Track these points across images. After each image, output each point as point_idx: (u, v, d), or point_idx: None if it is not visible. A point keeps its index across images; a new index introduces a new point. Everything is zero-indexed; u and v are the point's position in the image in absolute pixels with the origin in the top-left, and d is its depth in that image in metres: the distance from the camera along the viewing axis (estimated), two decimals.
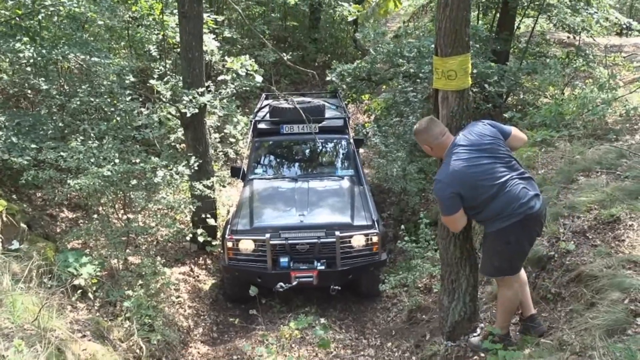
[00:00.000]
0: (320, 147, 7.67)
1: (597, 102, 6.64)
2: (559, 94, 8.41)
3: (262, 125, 7.78)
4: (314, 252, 5.81)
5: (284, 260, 5.74)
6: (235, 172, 7.36)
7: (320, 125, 7.40)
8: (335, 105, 8.68)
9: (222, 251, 6.24)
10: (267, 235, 5.71)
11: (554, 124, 6.59)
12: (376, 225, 5.93)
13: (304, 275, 5.67)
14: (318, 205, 6.27)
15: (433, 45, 3.92)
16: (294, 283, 5.57)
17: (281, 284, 5.41)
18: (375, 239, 5.87)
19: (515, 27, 10.21)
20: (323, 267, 5.73)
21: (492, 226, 3.49)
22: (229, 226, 6.09)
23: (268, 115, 7.85)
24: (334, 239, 5.71)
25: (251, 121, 7.94)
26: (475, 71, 7.96)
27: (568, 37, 10.93)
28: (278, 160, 7.70)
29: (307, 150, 7.69)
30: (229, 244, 5.86)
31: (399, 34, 11.47)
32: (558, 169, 5.44)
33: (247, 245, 5.84)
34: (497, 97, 8.56)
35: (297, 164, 7.57)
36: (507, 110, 8.15)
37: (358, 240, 5.85)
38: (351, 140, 7.53)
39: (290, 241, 5.77)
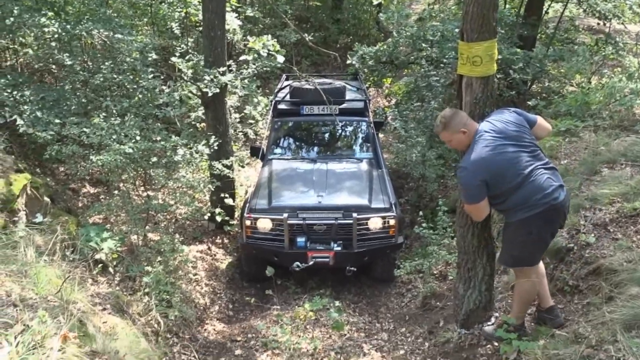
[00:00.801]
0: (340, 129, 7.70)
1: (625, 92, 6.47)
2: (585, 83, 8.22)
3: (282, 106, 7.80)
4: (331, 233, 5.86)
5: (301, 240, 5.80)
6: (255, 152, 7.41)
7: (340, 107, 7.37)
8: (356, 88, 8.65)
9: (240, 230, 6.32)
10: (285, 215, 5.77)
11: (579, 114, 6.46)
12: (393, 208, 5.95)
13: (321, 255, 5.74)
14: (336, 187, 6.29)
15: (457, 30, 3.86)
16: (311, 263, 5.67)
17: (297, 263, 5.56)
18: (392, 222, 5.88)
19: (544, 12, 9.96)
20: (339, 249, 5.78)
21: (514, 216, 3.46)
22: (247, 205, 6.14)
23: (288, 95, 7.85)
24: (351, 221, 5.75)
25: (271, 101, 7.99)
26: (500, 57, 7.80)
27: (598, 24, 10.63)
28: (297, 141, 7.70)
29: (327, 132, 7.69)
30: (247, 222, 5.93)
31: (423, 17, 11.29)
32: (581, 159, 5.34)
33: (265, 224, 5.90)
34: (521, 84, 8.41)
35: (316, 145, 7.58)
36: (531, 98, 8.00)
37: (375, 223, 5.87)
38: (371, 123, 7.52)
39: (307, 221, 5.84)
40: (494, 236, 4.41)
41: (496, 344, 3.83)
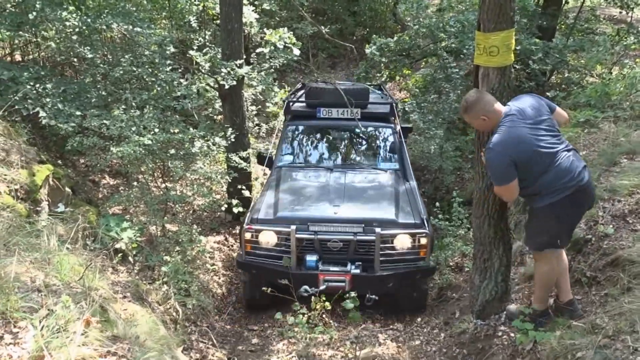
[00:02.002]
0: (362, 136, 6.79)
1: None
2: (606, 73, 8.10)
3: (296, 107, 7.02)
4: (349, 251, 5.00)
5: (311, 259, 4.95)
6: (261, 160, 6.56)
7: (363, 110, 6.56)
8: (381, 95, 7.76)
9: (239, 244, 5.66)
10: (293, 227, 4.90)
11: (599, 105, 6.37)
12: (425, 225, 5.05)
13: (335, 278, 4.86)
14: (356, 198, 5.42)
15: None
16: (322, 287, 4.77)
17: (306, 287, 4.65)
18: (423, 240, 4.97)
19: (564, 2, 9.81)
20: (358, 271, 4.90)
21: (541, 201, 3.46)
22: (248, 214, 5.37)
23: (304, 97, 7.09)
24: (373, 237, 4.88)
25: (284, 102, 7.26)
26: (519, 47, 7.74)
27: (620, 13, 10.45)
28: (312, 147, 6.74)
29: (346, 139, 6.81)
30: (247, 235, 5.06)
31: (441, 8, 11.20)
32: (600, 150, 5.27)
33: (268, 237, 5.03)
34: (540, 75, 8.32)
35: (333, 153, 6.65)
36: (551, 89, 7.91)
37: (402, 241, 4.98)
38: (397, 130, 6.66)
39: (320, 236, 4.96)
40: (510, 227, 4.40)
41: (512, 335, 3.83)
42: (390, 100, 7.16)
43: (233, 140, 6.60)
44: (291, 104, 6.92)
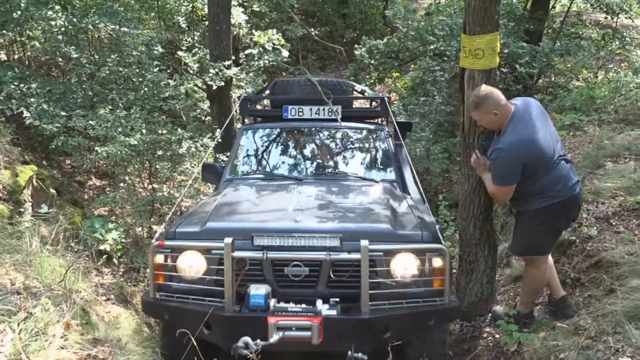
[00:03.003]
0: (344, 141, 5.02)
1: (630, 86, 6.44)
2: (591, 77, 8.18)
3: (256, 107, 5.67)
4: (319, 280, 3.15)
5: (257, 292, 3.02)
6: (208, 173, 4.80)
7: (346, 109, 4.98)
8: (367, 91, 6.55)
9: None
10: (228, 241, 3.02)
11: (584, 108, 6.44)
12: (440, 238, 3.30)
13: (296, 324, 2.94)
14: (329, 206, 3.73)
15: None
16: (274, 339, 2.89)
17: (247, 339, 2.84)
18: (438, 262, 3.17)
19: (550, 7, 9.90)
20: (334, 312, 3.01)
21: (530, 204, 3.48)
22: (161, 228, 3.92)
23: (267, 92, 5.71)
24: (357, 256, 3.02)
25: (239, 98, 5.67)
26: (506, 51, 7.79)
27: (605, 18, 10.56)
28: (275, 156, 4.93)
29: (323, 144, 5.01)
30: (158, 259, 3.22)
31: (430, 11, 11.25)
32: (585, 153, 5.33)
33: (192, 260, 3.19)
34: (527, 78, 8.37)
35: (304, 161, 4.85)
36: (538, 93, 7.97)
37: (404, 263, 3.16)
38: (390, 134, 4.99)
39: (272, 254, 3.08)
40: (496, 229, 4.42)
41: (497, 336, 3.85)
42: (381, 95, 6.00)
43: (221, 141, 6.57)
44: (249, 102, 5.37)
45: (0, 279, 2.99)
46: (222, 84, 6.69)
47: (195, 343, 2.83)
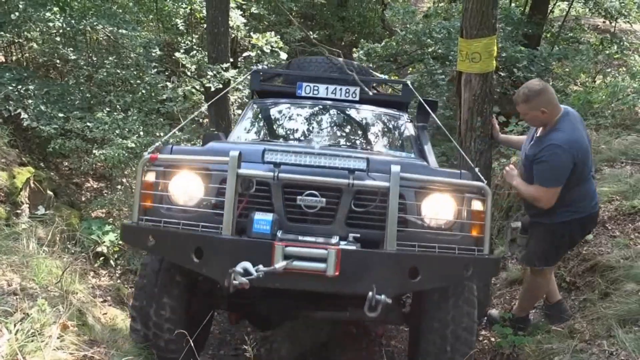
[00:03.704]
0: (361, 124, 4.51)
1: (628, 91, 6.46)
2: (589, 82, 8.21)
3: (268, 83, 5.05)
4: (337, 214, 2.71)
5: (262, 217, 2.58)
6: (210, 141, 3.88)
7: (363, 93, 4.52)
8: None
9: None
10: (235, 154, 2.58)
11: (582, 112, 6.44)
12: (481, 177, 2.85)
13: (308, 253, 2.49)
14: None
15: None
16: (278, 266, 2.44)
17: (246, 264, 2.41)
18: (478, 205, 2.74)
19: (549, 11, 9.95)
20: (353, 248, 2.61)
21: (553, 217, 3.32)
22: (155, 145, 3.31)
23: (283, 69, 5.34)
24: (386, 183, 2.60)
25: (250, 70, 5.19)
26: (504, 55, 7.82)
27: (604, 22, 10.61)
28: (283, 133, 4.41)
29: (337, 126, 4.52)
30: (148, 177, 2.78)
31: (428, 14, 11.30)
32: None
33: (188, 181, 2.76)
34: (525, 82, 8.40)
35: (317, 134, 4.28)
36: None
37: (439, 205, 2.74)
38: (412, 120, 4.71)
39: (284, 174, 2.63)
40: (493, 233, 4.43)
41: (493, 340, 3.86)
42: (404, 80, 5.49)
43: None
44: (261, 76, 4.85)
45: None
46: (220, 86, 6.70)
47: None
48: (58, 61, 6.89)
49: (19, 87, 5.56)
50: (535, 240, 3.53)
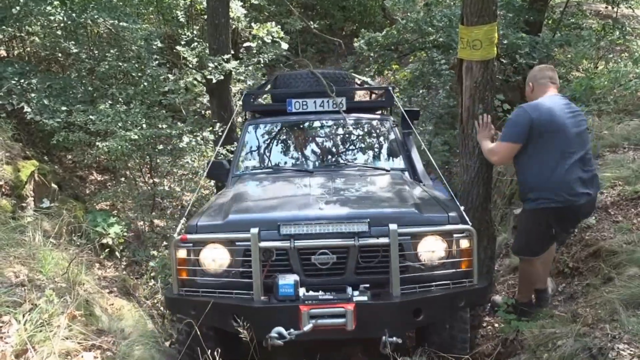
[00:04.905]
0: (350, 132, 4.94)
1: (630, 76, 6.44)
2: (591, 68, 8.18)
3: (259, 102, 5.60)
4: (347, 268, 3.13)
5: (286, 282, 3.00)
6: (216, 171, 4.55)
7: (350, 102, 4.98)
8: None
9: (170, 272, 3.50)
10: (255, 231, 3.01)
11: (584, 98, 6.43)
12: (466, 219, 3.25)
13: (328, 312, 2.93)
14: (350, 197, 3.73)
15: None
16: (306, 328, 2.87)
17: (280, 329, 2.85)
18: (465, 243, 3.17)
19: None
20: (365, 298, 2.99)
21: (527, 204, 3.50)
22: (181, 223, 3.72)
23: (269, 87, 5.70)
24: (387, 240, 3.02)
25: (241, 93, 5.57)
26: (505, 42, 7.78)
27: (606, 8, 10.54)
28: (282, 150, 4.94)
29: (329, 136, 4.96)
30: (181, 254, 3.16)
31: (429, 2, 11.23)
32: None
33: (216, 253, 3.15)
34: (527, 69, 8.35)
35: (312, 154, 4.79)
36: None
37: (431, 246, 3.15)
38: (396, 124, 5.04)
39: (299, 243, 3.07)
40: (496, 220, 4.45)
41: (497, 325, 3.89)
42: (385, 85, 5.98)
43: (221, 134, 6.59)
44: (252, 97, 5.24)
45: (4, 272, 3.03)
46: (222, 77, 6.70)
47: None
48: (60, 55, 6.89)
49: (22, 81, 5.58)
50: (518, 228, 3.69)
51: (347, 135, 4.93)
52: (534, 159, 3.40)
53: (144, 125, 5.69)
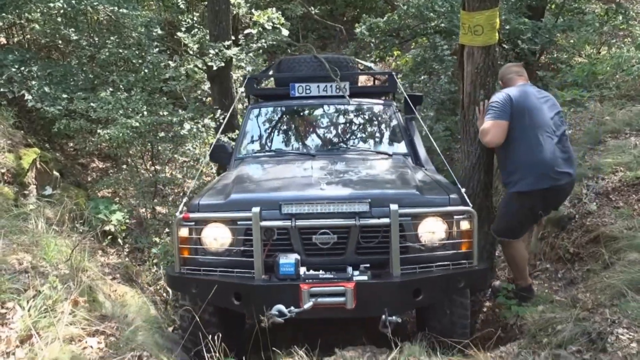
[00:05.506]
0: (354, 116, 4.95)
1: (632, 62, 6.40)
2: (594, 53, 8.12)
3: (262, 86, 5.56)
4: (347, 247, 3.15)
5: (287, 261, 3.03)
6: (218, 154, 4.67)
7: (353, 86, 5.03)
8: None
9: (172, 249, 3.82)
10: (256, 210, 3.04)
11: (586, 84, 6.41)
12: (467, 201, 3.29)
13: (328, 291, 2.96)
14: (351, 178, 3.72)
15: None
16: (308, 305, 2.92)
17: (280, 307, 2.87)
18: (465, 225, 3.17)
19: None
20: (365, 277, 3.02)
21: (513, 186, 3.56)
22: (184, 201, 3.62)
23: (272, 72, 5.68)
24: (387, 220, 3.04)
25: (244, 77, 5.41)
26: (508, 27, 7.72)
27: None
28: (285, 133, 4.97)
29: (332, 120, 4.96)
30: (183, 232, 3.19)
31: None
32: (586, 129, 5.34)
33: (217, 232, 3.17)
34: (529, 54, 8.31)
35: (315, 137, 4.85)
36: (540, 69, 7.93)
37: (431, 227, 3.16)
38: (399, 109, 5.06)
39: (300, 222, 3.09)
40: (495, 206, 4.45)
41: (497, 310, 3.92)
42: (388, 70, 5.95)
43: (222, 122, 6.59)
44: (255, 81, 5.23)
45: (8, 259, 3.05)
46: (222, 64, 6.68)
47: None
48: (60, 42, 6.86)
49: (22, 68, 5.56)
50: (500, 211, 3.75)
51: (350, 120, 4.94)
52: (519, 140, 3.50)
53: (145, 113, 5.68)
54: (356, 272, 3.04)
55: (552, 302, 3.49)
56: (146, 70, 6.45)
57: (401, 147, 4.52)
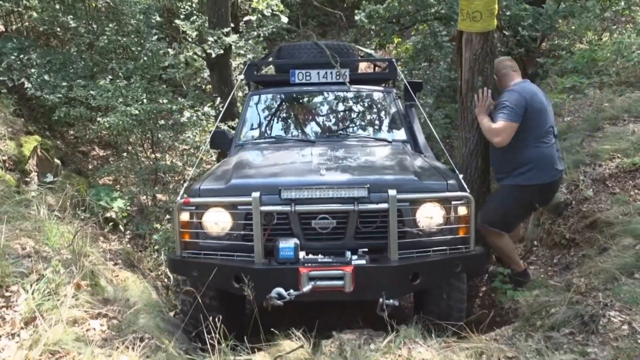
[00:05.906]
0: (353, 103, 4.98)
1: (633, 48, 6.39)
2: (595, 40, 8.09)
3: (262, 72, 5.64)
4: (346, 232, 3.21)
5: (286, 245, 3.09)
6: (218, 140, 4.75)
7: (353, 73, 4.99)
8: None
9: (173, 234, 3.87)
10: (256, 195, 3.10)
11: (586, 70, 6.40)
12: (465, 187, 3.29)
13: (327, 274, 3.03)
14: (350, 165, 3.76)
15: None
16: (305, 289, 2.99)
17: (279, 290, 2.95)
18: (463, 210, 3.22)
19: None
20: (363, 262, 3.08)
21: (513, 179, 3.66)
22: (184, 186, 3.60)
23: (273, 58, 5.69)
24: (385, 205, 3.09)
25: (244, 64, 5.42)
26: (508, 14, 7.69)
27: None
28: (285, 120, 4.99)
29: (332, 109, 4.99)
30: (184, 217, 3.25)
31: None
32: (585, 116, 5.34)
33: (218, 217, 3.23)
34: (530, 41, 8.28)
35: (315, 124, 4.85)
36: (541, 56, 7.90)
37: (430, 213, 3.21)
38: (399, 96, 5.03)
39: (299, 207, 3.15)
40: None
41: (493, 295, 3.97)
42: (389, 57, 6.20)
43: (221, 110, 6.60)
44: (255, 67, 5.23)
45: (11, 244, 3.09)
46: (222, 52, 6.68)
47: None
48: (58, 29, 6.86)
49: (21, 56, 5.58)
50: (494, 199, 3.81)
51: (349, 107, 4.97)
52: (531, 138, 3.61)
53: (145, 100, 5.71)
54: (355, 256, 3.10)
55: (547, 286, 3.53)
56: (145, 58, 6.45)
57: (400, 134, 4.53)
